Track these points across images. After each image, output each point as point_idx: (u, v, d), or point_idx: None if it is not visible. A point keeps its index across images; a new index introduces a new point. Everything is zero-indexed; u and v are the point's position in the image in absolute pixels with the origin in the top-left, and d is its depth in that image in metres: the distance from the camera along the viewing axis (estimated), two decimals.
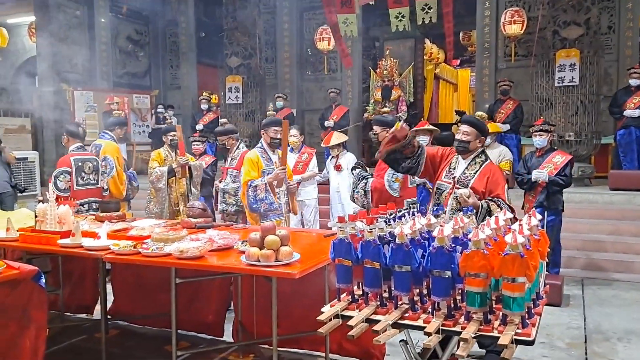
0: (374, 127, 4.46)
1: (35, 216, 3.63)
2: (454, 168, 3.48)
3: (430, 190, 3.87)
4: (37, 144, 10.60)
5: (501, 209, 3.16)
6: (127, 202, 5.47)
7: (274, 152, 4.64)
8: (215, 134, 5.27)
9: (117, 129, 5.56)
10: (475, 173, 3.40)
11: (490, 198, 3.29)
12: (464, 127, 3.45)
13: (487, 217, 2.50)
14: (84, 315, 4.68)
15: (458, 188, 3.33)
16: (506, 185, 3.41)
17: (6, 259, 3.19)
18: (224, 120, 5.77)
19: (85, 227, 3.68)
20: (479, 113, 3.61)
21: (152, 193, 5.49)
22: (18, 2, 11.84)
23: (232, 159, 5.15)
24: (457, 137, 3.47)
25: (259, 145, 4.67)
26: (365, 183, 4.30)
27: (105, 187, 5.49)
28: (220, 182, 5.18)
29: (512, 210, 3.28)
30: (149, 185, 5.57)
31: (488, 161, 3.48)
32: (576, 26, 7.62)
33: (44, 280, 2.79)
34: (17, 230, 3.58)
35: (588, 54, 7.60)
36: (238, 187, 4.85)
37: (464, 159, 3.47)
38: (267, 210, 4.43)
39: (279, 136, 4.50)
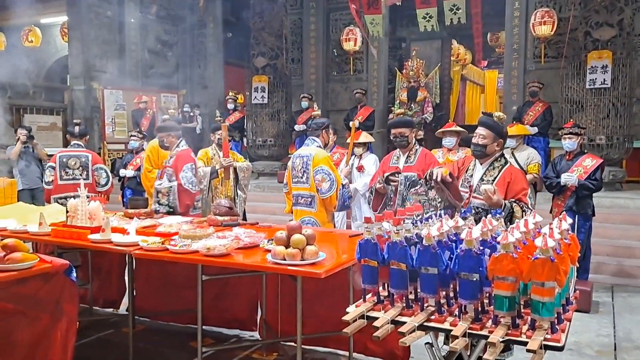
0: (401, 130, 4.32)
1: (67, 211, 3.72)
2: (471, 175, 3.34)
3: None
4: (68, 141, 10.84)
5: (525, 213, 3.04)
6: None
7: None
8: (157, 130, 5.26)
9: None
10: (494, 179, 3.23)
11: (513, 200, 3.14)
12: (480, 130, 3.28)
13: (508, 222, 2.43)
14: (111, 310, 4.77)
15: (475, 197, 3.21)
16: (529, 190, 3.24)
17: (38, 253, 3.28)
18: (166, 116, 5.79)
19: (115, 223, 3.75)
20: (496, 114, 3.43)
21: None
22: (51, 3, 12.14)
23: (170, 157, 5.09)
24: (474, 140, 3.31)
25: (318, 144, 4.58)
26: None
27: (103, 182, 5.56)
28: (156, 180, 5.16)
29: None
30: None
31: (508, 165, 3.31)
32: (609, 27, 7.45)
33: (75, 274, 2.85)
34: (49, 225, 3.67)
35: (621, 55, 7.43)
36: (171, 187, 4.92)
37: (481, 164, 3.32)
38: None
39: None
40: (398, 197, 4.25)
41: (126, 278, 3.94)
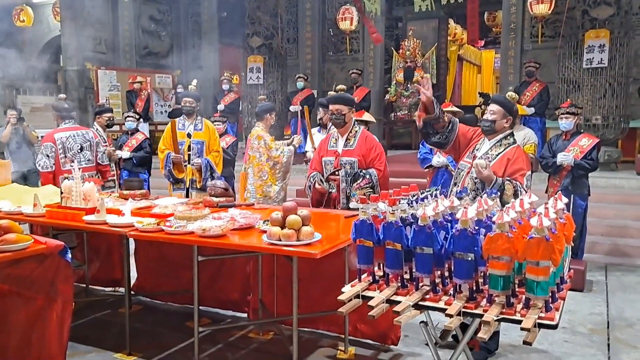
0: (339, 107, 4.01)
1: (61, 192, 3.70)
2: (478, 149, 3.39)
3: (452, 173, 3.83)
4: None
5: (516, 192, 3.08)
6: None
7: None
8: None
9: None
10: (497, 155, 3.28)
11: (508, 178, 3.18)
12: (492, 107, 3.35)
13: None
14: (109, 290, 4.79)
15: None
16: (529, 173, 3.26)
17: (33, 234, 3.27)
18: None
19: (110, 204, 3.74)
20: (509, 94, 3.48)
21: (271, 179, 5.17)
22: None
23: None
24: (485, 116, 3.38)
25: None
26: None
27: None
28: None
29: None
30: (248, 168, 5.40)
31: (515, 145, 3.34)
32: (606, 6, 7.39)
33: (69, 255, 2.85)
34: (44, 207, 3.65)
35: (618, 34, 7.38)
36: None
37: (489, 139, 3.36)
38: None
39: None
40: (342, 195, 4.04)
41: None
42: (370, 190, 3.85)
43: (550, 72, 8.76)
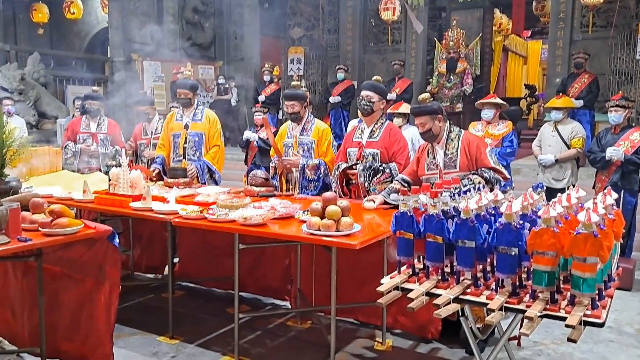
0: (370, 94, 3.91)
1: (109, 180, 3.82)
2: (434, 157, 3.53)
3: None
4: (109, 112, 11.07)
5: (484, 178, 3.29)
6: None
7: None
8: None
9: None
10: (457, 151, 3.44)
11: (473, 172, 3.37)
12: (417, 120, 3.51)
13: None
14: (152, 276, 4.93)
15: (448, 173, 3.40)
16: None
17: (82, 219, 3.39)
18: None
19: (155, 191, 3.84)
20: (420, 96, 3.68)
21: None
22: None
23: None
24: (419, 131, 3.53)
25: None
26: None
27: None
28: None
29: (499, 172, 3.36)
30: None
31: (462, 133, 3.50)
32: None
33: (117, 240, 2.95)
34: (93, 193, 3.79)
35: None
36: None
37: (438, 143, 3.51)
38: None
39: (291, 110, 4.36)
40: (361, 190, 3.93)
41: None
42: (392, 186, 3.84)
43: (601, 63, 8.42)
